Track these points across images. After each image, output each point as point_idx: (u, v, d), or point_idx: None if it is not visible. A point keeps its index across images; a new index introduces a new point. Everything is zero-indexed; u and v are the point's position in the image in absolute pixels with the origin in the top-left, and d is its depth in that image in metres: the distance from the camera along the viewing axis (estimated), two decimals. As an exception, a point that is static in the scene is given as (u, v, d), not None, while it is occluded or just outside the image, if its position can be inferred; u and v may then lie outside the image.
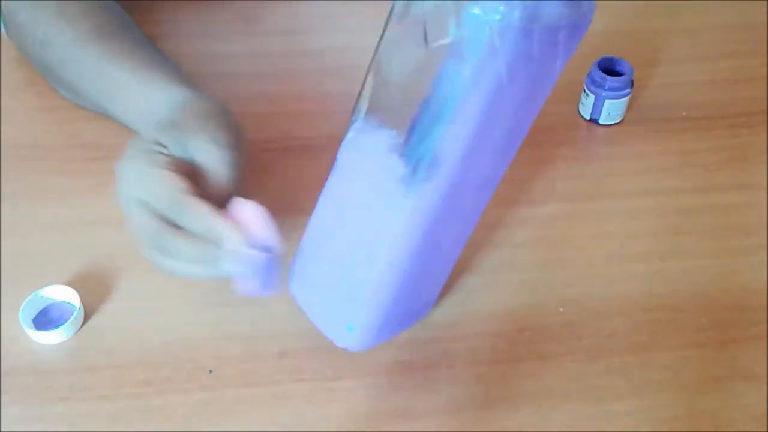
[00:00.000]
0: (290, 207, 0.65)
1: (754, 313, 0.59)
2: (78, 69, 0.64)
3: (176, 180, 0.48)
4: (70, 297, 0.58)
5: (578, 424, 0.53)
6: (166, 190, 0.48)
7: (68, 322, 0.56)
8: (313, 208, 0.65)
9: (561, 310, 0.59)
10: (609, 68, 0.72)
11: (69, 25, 0.63)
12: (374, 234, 0.48)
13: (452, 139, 0.44)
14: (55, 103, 0.74)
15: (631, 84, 0.71)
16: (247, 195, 0.66)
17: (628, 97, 0.71)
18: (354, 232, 0.50)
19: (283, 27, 0.82)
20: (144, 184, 0.49)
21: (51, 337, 0.56)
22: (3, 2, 0.67)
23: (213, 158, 0.51)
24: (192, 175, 0.50)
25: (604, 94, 0.71)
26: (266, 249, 0.47)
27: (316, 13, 0.83)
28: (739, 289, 0.61)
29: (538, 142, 0.71)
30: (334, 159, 0.52)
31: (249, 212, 0.48)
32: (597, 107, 0.72)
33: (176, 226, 0.48)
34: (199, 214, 0.47)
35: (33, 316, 0.57)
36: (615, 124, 0.73)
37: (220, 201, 0.50)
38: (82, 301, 0.57)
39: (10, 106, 0.73)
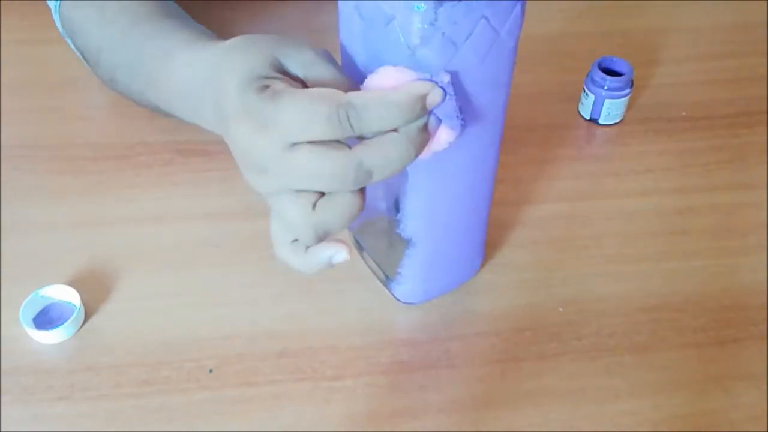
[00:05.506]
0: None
1: (753, 313, 0.59)
2: (128, 47, 0.60)
3: (329, 90, 0.40)
4: (71, 297, 0.58)
5: (578, 424, 0.53)
6: (329, 101, 0.39)
7: (68, 321, 0.56)
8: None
9: (561, 310, 0.59)
10: (609, 68, 0.72)
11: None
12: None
13: None
14: (56, 103, 0.74)
15: (631, 84, 0.71)
16: (247, 194, 0.66)
17: (627, 97, 0.71)
18: None
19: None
20: (299, 116, 0.39)
21: (51, 337, 0.56)
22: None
23: (324, 63, 0.43)
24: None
25: (603, 93, 0.71)
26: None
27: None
28: (739, 289, 0.61)
29: (538, 142, 0.72)
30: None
31: (387, 76, 0.42)
32: (597, 107, 0.72)
33: None
34: (378, 98, 0.40)
35: (33, 316, 0.57)
36: (615, 124, 0.73)
37: None
38: (82, 301, 0.57)
39: (10, 106, 0.73)
